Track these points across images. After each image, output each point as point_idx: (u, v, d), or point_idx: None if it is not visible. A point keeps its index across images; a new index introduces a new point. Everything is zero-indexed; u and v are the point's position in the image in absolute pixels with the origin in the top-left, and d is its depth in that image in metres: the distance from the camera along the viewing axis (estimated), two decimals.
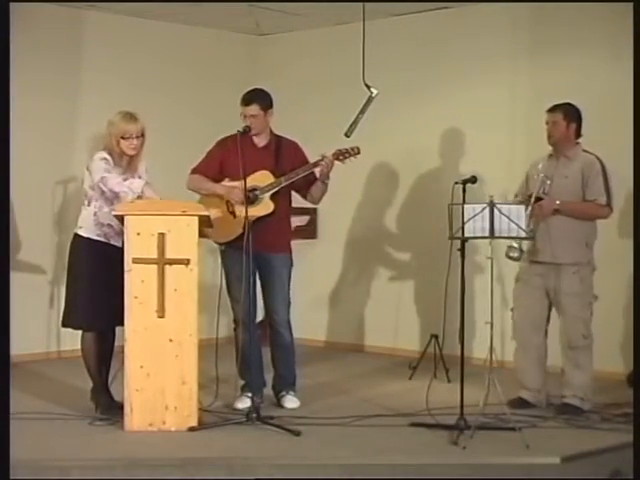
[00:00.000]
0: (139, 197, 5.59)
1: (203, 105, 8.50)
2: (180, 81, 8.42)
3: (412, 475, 4.77)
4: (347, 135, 6.13)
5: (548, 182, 5.82)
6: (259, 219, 5.80)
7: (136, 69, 8.16)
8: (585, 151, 5.93)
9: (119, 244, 5.64)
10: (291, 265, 6.07)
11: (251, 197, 5.81)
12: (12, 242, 7.13)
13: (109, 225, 5.67)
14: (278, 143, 6.04)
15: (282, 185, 5.88)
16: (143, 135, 5.68)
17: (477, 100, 7.66)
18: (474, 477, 4.82)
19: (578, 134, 5.94)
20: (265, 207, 5.87)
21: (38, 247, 7.66)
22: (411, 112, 8.02)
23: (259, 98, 5.95)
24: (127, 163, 5.72)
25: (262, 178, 5.88)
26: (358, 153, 5.97)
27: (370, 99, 6.29)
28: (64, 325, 5.82)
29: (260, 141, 6.01)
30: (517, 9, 7.45)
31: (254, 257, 5.68)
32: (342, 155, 5.94)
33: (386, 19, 7.93)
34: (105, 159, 5.63)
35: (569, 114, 5.90)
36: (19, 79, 6.30)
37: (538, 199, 5.77)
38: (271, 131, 6.08)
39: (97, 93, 7.73)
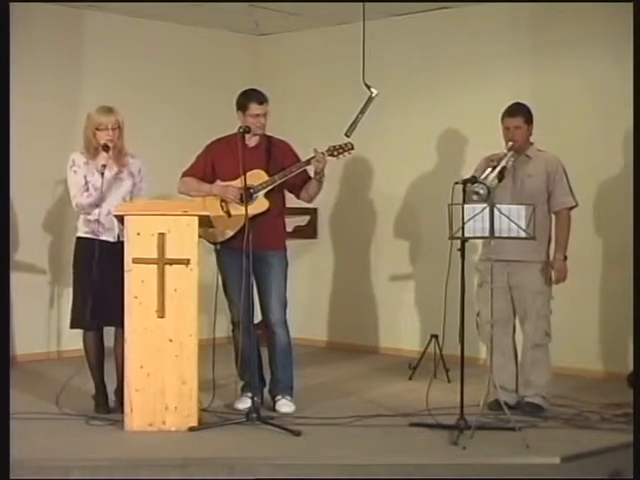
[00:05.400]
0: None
1: (203, 105, 8.49)
2: (180, 81, 8.43)
3: (412, 475, 4.77)
4: (347, 135, 6.13)
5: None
6: (253, 218, 5.75)
7: (136, 69, 8.16)
8: (539, 150, 5.92)
9: (111, 239, 5.67)
10: (286, 264, 6.00)
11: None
12: (12, 242, 7.14)
13: (96, 221, 5.69)
14: (268, 143, 6.00)
15: (277, 183, 5.85)
16: (119, 127, 5.70)
17: (477, 100, 7.65)
18: (474, 477, 4.82)
19: (531, 132, 5.94)
20: (260, 205, 5.84)
21: (38, 247, 7.66)
22: (411, 112, 8.02)
23: (265, 97, 5.93)
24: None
25: (256, 177, 5.84)
26: (352, 149, 5.92)
27: (370, 99, 6.29)
28: (70, 326, 5.85)
29: (251, 141, 5.96)
30: (518, 9, 7.44)
31: (249, 256, 5.68)
32: (336, 151, 5.88)
33: (386, 19, 7.93)
34: (73, 163, 5.70)
35: (528, 116, 5.88)
36: (19, 78, 6.30)
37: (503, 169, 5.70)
38: None
39: (97, 92, 7.70)
